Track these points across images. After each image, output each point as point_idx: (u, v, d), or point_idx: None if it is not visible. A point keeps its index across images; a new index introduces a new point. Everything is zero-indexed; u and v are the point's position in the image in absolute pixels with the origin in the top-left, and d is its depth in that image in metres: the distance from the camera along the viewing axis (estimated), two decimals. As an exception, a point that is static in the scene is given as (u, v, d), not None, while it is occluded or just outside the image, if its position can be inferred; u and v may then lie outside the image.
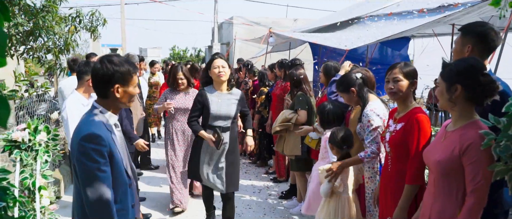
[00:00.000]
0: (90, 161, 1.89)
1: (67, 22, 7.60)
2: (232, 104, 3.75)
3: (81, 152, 1.90)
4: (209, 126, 3.73)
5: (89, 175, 1.90)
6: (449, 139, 1.99)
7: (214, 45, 19.34)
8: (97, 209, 1.91)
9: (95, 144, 1.90)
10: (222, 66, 3.68)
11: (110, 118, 2.05)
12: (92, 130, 1.92)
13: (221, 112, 3.70)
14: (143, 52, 38.55)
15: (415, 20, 6.65)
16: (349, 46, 5.84)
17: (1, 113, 1.10)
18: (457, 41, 2.38)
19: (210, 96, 3.72)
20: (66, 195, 5.21)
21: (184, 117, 4.66)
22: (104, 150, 1.92)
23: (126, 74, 2.01)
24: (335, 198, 3.18)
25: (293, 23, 19.27)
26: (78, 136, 1.94)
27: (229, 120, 3.74)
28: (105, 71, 1.97)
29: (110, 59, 2.01)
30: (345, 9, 11.45)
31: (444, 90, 1.97)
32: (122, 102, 2.05)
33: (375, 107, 3.01)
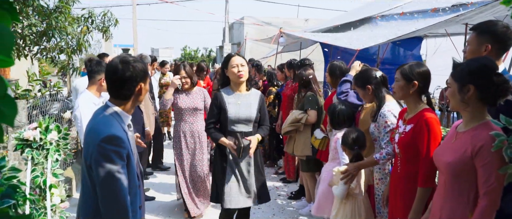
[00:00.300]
0: (110, 162, 1.87)
1: (79, 22, 7.69)
2: (253, 106, 3.37)
3: (101, 154, 1.87)
4: (228, 131, 3.32)
5: (108, 177, 1.88)
6: (460, 140, 1.96)
7: (225, 45, 19.37)
8: (115, 210, 1.90)
9: (115, 146, 1.88)
10: (241, 64, 3.29)
11: (125, 119, 2.05)
12: (113, 131, 1.91)
13: (240, 115, 3.30)
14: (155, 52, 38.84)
15: (427, 20, 6.59)
16: (360, 46, 5.81)
17: (8, 112, 1.11)
18: (472, 41, 2.32)
19: (227, 98, 3.33)
20: (77, 193, 5.26)
21: (192, 117, 4.55)
22: (124, 152, 1.92)
23: (145, 72, 2.05)
24: (351, 200, 3.14)
25: (304, 23, 19.21)
26: (97, 136, 1.90)
27: (250, 123, 3.34)
28: (131, 72, 1.98)
29: (128, 60, 2.02)
30: (357, 9, 11.38)
31: (456, 91, 1.94)
32: (140, 100, 2.09)
33: (392, 108, 2.95)
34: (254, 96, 3.43)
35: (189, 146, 4.55)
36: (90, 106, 3.49)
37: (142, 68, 2.02)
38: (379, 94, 3.08)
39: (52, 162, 2.93)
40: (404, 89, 2.51)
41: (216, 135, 3.33)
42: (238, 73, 3.27)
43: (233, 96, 3.35)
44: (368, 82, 3.13)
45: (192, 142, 4.56)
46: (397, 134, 2.56)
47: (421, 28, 5.80)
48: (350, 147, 3.13)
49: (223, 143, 3.30)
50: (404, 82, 2.50)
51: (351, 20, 8.99)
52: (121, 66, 1.97)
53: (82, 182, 2.10)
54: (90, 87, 3.63)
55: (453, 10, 6.39)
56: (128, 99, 2.04)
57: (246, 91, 3.41)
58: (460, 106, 1.95)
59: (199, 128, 4.57)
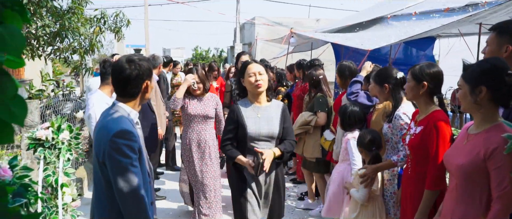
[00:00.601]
0: (123, 156, 1.92)
1: (92, 23, 7.78)
2: (275, 120, 2.92)
3: (114, 148, 1.92)
4: (248, 150, 2.90)
5: (123, 170, 1.93)
6: (472, 143, 1.93)
7: (236, 45, 19.40)
8: (133, 203, 1.95)
9: (127, 140, 1.94)
10: (259, 72, 2.85)
11: (133, 116, 2.10)
12: (123, 126, 1.96)
13: (261, 130, 2.87)
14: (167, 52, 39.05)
15: (440, 20, 6.51)
16: (371, 47, 5.76)
17: (19, 113, 1.12)
18: (492, 41, 2.26)
19: (245, 112, 2.90)
20: (89, 191, 5.31)
21: (201, 125, 4.22)
22: (136, 145, 1.97)
23: (150, 70, 2.11)
24: (372, 202, 3.10)
25: (315, 23, 19.15)
26: (108, 133, 1.95)
27: (273, 140, 2.92)
28: (137, 70, 2.03)
29: (133, 59, 2.07)
30: (368, 9, 11.31)
31: (468, 93, 1.91)
32: (146, 97, 2.14)
33: (407, 110, 2.92)
34: (275, 108, 2.98)
35: (196, 155, 4.21)
36: (103, 105, 3.52)
37: (147, 67, 2.08)
38: (396, 95, 3.03)
39: (64, 161, 2.97)
40: (414, 90, 2.49)
41: (232, 153, 2.91)
42: (255, 82, 2.84)
43: (251, 109, 2.92)
44: (386, 81, 3.07)
45: (200, 151, 4.22)
46: (408, 135, 2.54)
47: (434, 28, 5.74)
48: (368, 148, 3.07)
49: (240, 162, 2.87)
50: (414, 83, 2.48)
51: (363, 20, 8.93)
52: (127, 66, 2.03)
53: (95, 181, 2.14)
54: (103, 87, 3.68)
55: (466, 10, 6.30)
56: (135, 97, 2.09)
57: (267, 102, 2.98)
58: (472, 108, 1.92)
59: (208, 136, 4.23)
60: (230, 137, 2.94)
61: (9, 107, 1.10)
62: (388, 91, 3.06)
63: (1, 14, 1.10)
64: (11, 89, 1.09)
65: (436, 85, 2.46)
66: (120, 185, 1.93)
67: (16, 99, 1.12)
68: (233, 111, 2.94)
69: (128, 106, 2.08)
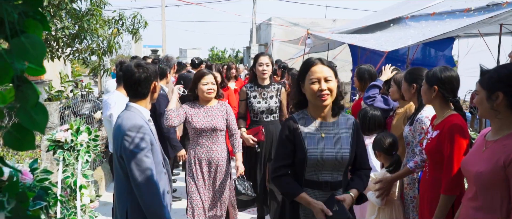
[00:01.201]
0: (137, 148, 2.13)
1: (110, 25, 7.88)
2: (344, 142, 2.18)
3: (129, 141, 2.13)
4: (306, 181, 2.17)
5: (137, 160, 2.12)
6: (491, 150, 1.89)
7: (252, 46, 19.42)
8: (147, 190, 2.13)
9: (139, 132, 2.15)
10: (326, 78, 2.10)
11: (145, 113, 2.31)
12: (136, 121, 2.19)
13: (326, 155, 2.12)
14: (183, 52, 39.31)
15: (459, 20, 6.40)
16: (389, 48, 5.70)
17: (40, 119, 1.14)
18: None
19: (304, 130, 2.17)
20: (107, 192, 5.38)
21: (210, 140, 3.52)
22: (148, 138, 2.19)
23: (157, 72, 2.36)
24: (389, 204, 3.07)
25: (332, 24, 19.03)
26: (123, 129, 2.17)
27: (341, 168, 2.18)
28: (145, 73, 2.27)
29: (141, 63, 2.32)
30: (386, 9, 11.19)
31: (485, 99, 1.88)
32: (155, 97, 2.38)
33: (429, 114, 2.87)
34: (345, 125, 2.22)
35: (205, 176, 3.56)
36: (123, 105, 3.56)
37: (154, 70, 2.33)
38: (421, 97, 2.97)
39: (82, 163, 3.01)
40: (427, 94, 2.50)
41: (293, 188, 2.15)
42: (320, 93, 2.11)
43: (314, 126, 2.19)
44: (416, 81, 2.97)
45: (208, 172, 3.56)
46: (425, 140, 2.51)
47: (452, 29, 5.64)
48: (387, 152, 3.01)
49: (307, 203, 2.10)
50: (427, 86, 2.50)
51: (380, 21, 8.84)
52: (136, 70, 2.27)
53: (116, 179, 2.33)
54: (120, 88, 3.72)
55: (487, 10, 6.18)
56: (145, 97, 2.33)
57: (333, 118, 2.22)
58: (489, 114, 1.89)
59: (219, 154, 3.54)
60: (287, 164, 2.19)
61: (30, 115, 1.12)
62: (415, 91, 2.98)
63: (23, 23, 1.12)
64: (33, 98, 1.11)
65: (449, 90, 2.42)
66: (135, 174, 2.12)
67: (38, 107, 1.14)
68: (288, 128, 2.19)
69: (140, 105, 2.32)
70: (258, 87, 4.17)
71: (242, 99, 4.22)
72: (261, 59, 4.17)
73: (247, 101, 4.17)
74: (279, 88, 4.19)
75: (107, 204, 4.59)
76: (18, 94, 1.09)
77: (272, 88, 4.18)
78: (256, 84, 4.19)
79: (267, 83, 4.18)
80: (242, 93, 4.25)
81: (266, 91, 4.15)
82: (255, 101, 4.13)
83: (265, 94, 4.15)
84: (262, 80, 4.17)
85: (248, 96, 4.16)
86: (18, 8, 1.10)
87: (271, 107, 4.13)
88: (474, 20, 5.95)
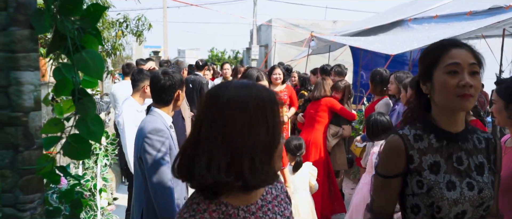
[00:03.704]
0: (155, 150, 2.19)
1: (114, 27, 7.91)
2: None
3: (148, 143, 2.19)
4: None
5: (155, 163, 2.17)
6: (509, 156, 1.96)
7: (252, 47, 19.49)
8: (161, 193, 2.17)
9: (159, 136, 2.22)
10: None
11: (167, 119, 2.39)
12: (156, 125, 2.26)
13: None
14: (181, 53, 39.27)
15: (462, 23, 6.47)
16: (395, 52, 5.77)
17: (97, 130, 1.20)
18: None
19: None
20: (117, 193, 5.42)
21: None
22: (167, 142, 2.25)
23: (182, 81, 2.44)
24: None
25: (332, 25, 19.11)
26: (144, 131, 2.24)
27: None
28: (171, 81, 2.36)
29: (168, 71, 2.41)
30: (388, 11, 11.26)
31: (503, 108, 1.95)
32: (179, 105, 2.46)
33: None
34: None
35: None
36: (133, 113, 3.63)
37: (180, 78, 2.41)
38: None
39: (101, 166, 3.07)
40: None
41: None
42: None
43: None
44: None
45: None
46: None
47: (457, 34, 5.70)
48: (293, 153, 3.24)
49: None
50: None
51: (383, 23, 8.90)
52: (162, 77, 2.36)
53: (135, 180, 2.40)
54: (134, 94, 3.76)
55: (490, 13, 6.26)
56: (168, 104, 2.41)
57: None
58: (508, 122, 1.96)
59: None
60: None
61: (88, 126, 1.18)
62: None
63: (81, 39, 1.18)
64: (92, 110, 1.18)
65: None
66: (152, 176, 2.18)
67: (95, 118, 1.20)
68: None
69: (163, 111, 2.39)
70: None
71: None
72: None
73: None
74: None
75: (119, 206, 4.63)
76: (79, 106, 1.16)
77: None
78: None
79: None
80: None
81: None
82: None
83: None
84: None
85: None
86: (76, 24, 1.17)
87: None
88: (477, 23, 6.02)
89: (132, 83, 3.85)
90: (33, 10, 1.12)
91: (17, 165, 1.13)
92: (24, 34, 1.12)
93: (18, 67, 1.12)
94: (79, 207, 1.27)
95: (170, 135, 2.35)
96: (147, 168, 2.20)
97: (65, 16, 1.14)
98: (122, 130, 3.61)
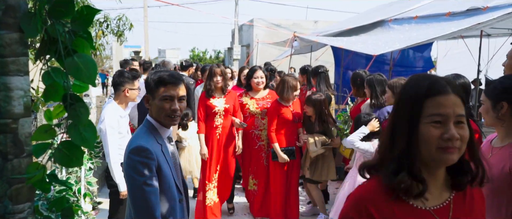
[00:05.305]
0: (137, 174, 1.88)
1: (94, 26, 7.77)
2: None
3: (129, 165, 1.90)
4: None
5: (136, 188, 1.89)
6: (497, 156, 2.00)
7: (234, 47, 19.45)
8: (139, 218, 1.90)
9: (142, 157, 1.89)
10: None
11: (162, 132, 2.05)
12: (141, 143, 1.92)
13: None
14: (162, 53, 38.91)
15: (442, 24, 6.59)
16: (377, 52, 5.84)
17: (89, 136, 1.17)
18: (511, 55, 2.36)
19: None
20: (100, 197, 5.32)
21: None
22: (152, 163, 1.90)
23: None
24: None
25: (313, 25, 19.25)
26: (128, 148, 1.95)
27: None
28: None
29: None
30: (368, 11, 11.39)
31: (490, 108, 1.99)
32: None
33: None
34: None
35: None
36: (116, 119, 3.46)
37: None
38: None
39: (86, 170, 3.00)
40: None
41: None
42: None
43: None
44: None
45: None
46: None
47: (438, 35, 5.81)
48: None
49: None
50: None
51: (364, 24, 9.00)
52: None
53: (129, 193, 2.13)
54: (116, 98, 3.55)
55: (468, 14, 6.39)
56: None
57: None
58: (495, 123, 2.01)
59: None
60: None
61: (80, 132, 1.14)
62: None
63: (72, 42, 1.14)
64: (85, 115, 1.14)
65: (465, 96, 2.52)
66: (133, 201, 1.92)
67: (87, 124, 1.16)
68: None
69: (157, 122, 2.04)
70: None
71: None
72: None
73: None
74: None
75: (103, 211, 4.54)
76: (71, 112, 1.12)
77: None
78: None
79: None
80: None
81: None
82: None
83: None
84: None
85: None
86: (67, 27, 1.13)
87: None
88: (456, 23, 6.14)
89: (113, 86, 3.67)
90: (23, 12, 1.08)
91: (7, 174, 1.09)
92: (13, 37, 1.08)
93: (7, 72, 1.08)
94: (71, 215, 1.23)
95: (162, 151, 2.00)
96: (129, 193, 1.97)
97: (56, 19, 1.10)
98: (105, 138, 3.38)
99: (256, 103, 4.65)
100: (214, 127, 4.51)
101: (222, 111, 4.47)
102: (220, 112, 4.45)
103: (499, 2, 5.67)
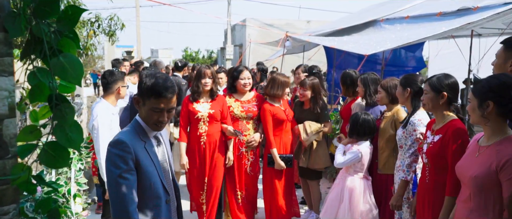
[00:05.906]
0: (113, 166, 1.90)
1: (86, 26, 7.72)
2: None
3: (107, 158, 1.93)
4: None
5: (111, 180, 1.91)
6: (484, 155, 2.02)
7: (227, 47, 19.43)
8: (117, 215, 1.90)
9: (119, 150, 1.91)
10: None
11: (148, 131, 2.05)
12: (120, 136, 1.96)
13: None
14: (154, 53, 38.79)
15: (433, 24, 6.64)
16: (369, 51, 5.86)
17: (75, 137, 1.16)
18: (500, 55, 2.38)
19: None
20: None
21: None
22: (128, 157, 1.91)
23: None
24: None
25: (306, 25, 19.28)
26: (110, 142, 1.98)
27: None
28: None
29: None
30: (360, 11, 11.43)
31: (476, 107, 2.02)
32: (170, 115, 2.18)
33: (422, 117, 2.99)
34: None
35: None
36: (108, 116, 3.55)
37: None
38: (415, 101, 3.07)
39: (76, 171, 2.97)
40: (434, 101, 2.58)
41: None
42: None
43: None
44: (410, 85, 3.09)
45: None
46: (425, 144, 2.63)
47: (430, 35, 5.85)
48: None
49: None
50: (433, 94, 2.57)
51: (356, 23, 9.03)
52: (146, 80, 2.02)
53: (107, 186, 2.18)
54: (107, 97, 3.64)
55: (459, 14, 6.44)
56: None
57: None
58: (481, 121, 2.03)
59: None
60: None
61: (66, 133, 1.13)
62: (409, 95, 3.09)
63: (58, 42, 1.13)
64: (71, 116, 1.13)
65: (454, 95, 2.57)
66: (109, 194, 1.94)
67: (73, 125, 1.15)
68: None
69: (144, 121, 2.05)
70: None
71: None
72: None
73: None
74: None
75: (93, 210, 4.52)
76: (56, 113, 1.11)
77: None
78: None
79: None
80: None
81: None
82: None
83: None
84: None
85: None
86: (52, 27, 1.12)
87: None
88: (447, 23, 6.18)
89: (104, 86, 3.71)
90: (7, 12, 1.07)
91: (-9, 175, 1.08)
92: (-3, 37, 1.07)
93: (-9, 72, 1.07)
94: (57, 217, 1.22)
95: (145, 148, 2.01)
96: (107, 186, 2.00)
97: (41, 18, 1.09)
98: (97, 135, 3.47)
99: (241, 106, 4.22)
100: (198, 135, 4.04)
101: (206, 117, 4.00)
102: (203, 118, 4.00)
103: (489, 2, 5.72)
